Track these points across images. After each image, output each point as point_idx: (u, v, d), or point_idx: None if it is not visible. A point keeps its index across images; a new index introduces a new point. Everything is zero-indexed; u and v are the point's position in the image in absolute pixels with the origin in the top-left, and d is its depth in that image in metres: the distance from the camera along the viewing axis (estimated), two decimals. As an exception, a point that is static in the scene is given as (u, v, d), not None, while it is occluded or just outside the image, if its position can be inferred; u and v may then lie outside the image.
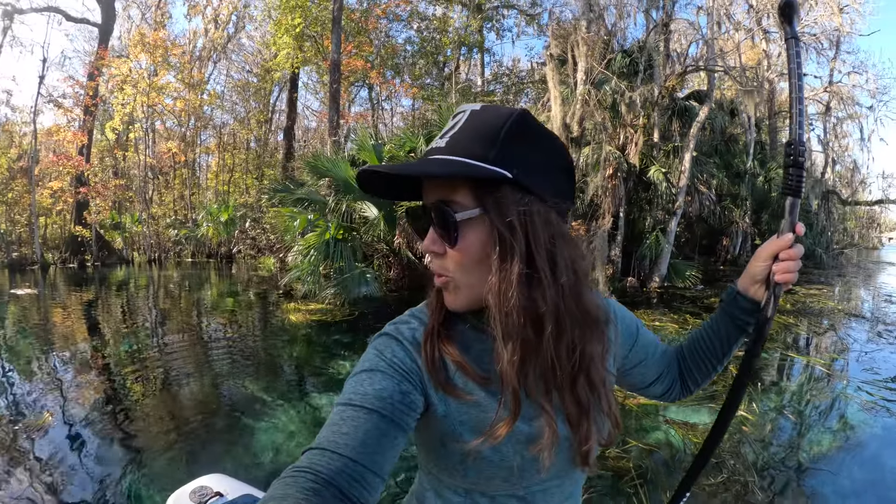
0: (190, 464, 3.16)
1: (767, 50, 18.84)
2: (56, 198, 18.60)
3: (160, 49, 18.74)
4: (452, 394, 0.66)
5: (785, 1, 0.78)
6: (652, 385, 0.88)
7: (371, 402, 0.60)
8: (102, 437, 3.51)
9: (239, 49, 24.73)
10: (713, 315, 0.89)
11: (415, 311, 0.74)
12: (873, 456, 3.35)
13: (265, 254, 14.39)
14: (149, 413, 4.02)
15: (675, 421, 3.75)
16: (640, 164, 9.96)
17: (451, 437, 0.66)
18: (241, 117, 24.39)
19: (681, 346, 0.93)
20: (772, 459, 3.23)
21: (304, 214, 8.69)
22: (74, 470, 3.03)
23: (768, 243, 0.79)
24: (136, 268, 16.53)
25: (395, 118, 22.58)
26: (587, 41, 8.72)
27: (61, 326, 7.33)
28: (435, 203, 0.64)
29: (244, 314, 8.40)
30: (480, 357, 0.68)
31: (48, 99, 20.04)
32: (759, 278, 0.81)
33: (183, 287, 11.97)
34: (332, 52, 12.54)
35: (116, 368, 5.18)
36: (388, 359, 0.66)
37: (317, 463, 0.54)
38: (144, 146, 19.94)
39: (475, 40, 18.96)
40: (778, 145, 20.41)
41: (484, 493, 0.70)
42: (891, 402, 4.28)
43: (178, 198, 22.70)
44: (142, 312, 8.68)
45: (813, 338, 6.90)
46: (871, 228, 39.59)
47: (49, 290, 11.58)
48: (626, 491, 2.78)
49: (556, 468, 0.70)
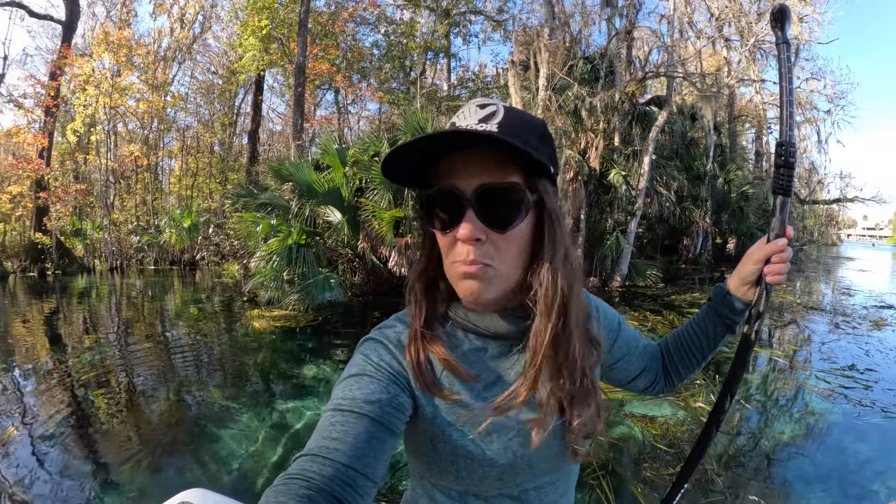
0: (157, 473, 3.14)
1: (728, 57, 19.49)
2: (15, 203, 17.86)
3: (124, 48, 18.24)
4: (439, 395, 0.66)
5: (778, 7, 0.82)
6: (635, 380, 0.90)
7: (360, 406, 0.60)
8: (68, 451, 3.44)
9: (205, 49, 24.29)
10: (700, 312, 0.92)
11: (399, 316, 0.74)
12: (835, 441, 3.50)
13: (229, 260, 14.20)
14: (115, 424, 3.96)
15: (636, 415, 3.86)
16: (601, 168, 10.19)
17: (441, 439, 0.66)
18: (206, 120, 23.93)
19: (665, 342, 0.95)
20: (736, 449, 3.34)
21: (266, 220, 8.61)
22: (42, 486, 2.96)
23: (760, 247, 0.82)
24: (98, 276, 16.02)
25: (362, 122, 22.52)
26: (549, 47, 8.89)
27: (23, 338, 7.10)
28: (488, 185, 0.61)
29: (208, 322, 8.25)
30: (467, 356, 0.69)
31: (8, 98, 19.32)
32: (751, 279, 0.84)
33: (146, 295, 11.68)
34: (298, 56, 12.46)
35: (80, 380, 5.06)
36: (374, 362, 0.66)
37: (308, 469, 0.54)
38: (106, 149, 19.31)
39: (441, 45, 19.05)
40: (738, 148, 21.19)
41: (478, 495, 0.70)
42: (848, 390, 4.51)
43: (140, 203, 22.09)
44: (104, 322, 8.43)
45: (774, 331, 7.15)
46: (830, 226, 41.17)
47: (10, 300, 11.16)
48: (589, 483, 2.84)
49: (549, 463, 0.71)
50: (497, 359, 0.70)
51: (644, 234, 15.69)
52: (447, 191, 0.62)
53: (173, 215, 17.36)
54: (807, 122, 21.72)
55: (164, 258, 18.62)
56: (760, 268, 0.82)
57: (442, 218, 0.64)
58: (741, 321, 0.88)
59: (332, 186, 8.65)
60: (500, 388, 0.68)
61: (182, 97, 22.51)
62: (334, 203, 8.58)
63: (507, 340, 0.70)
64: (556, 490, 0.74)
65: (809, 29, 17.83)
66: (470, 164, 0.61)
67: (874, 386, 4.64)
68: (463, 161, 0.62)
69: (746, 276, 0.84)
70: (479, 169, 0.61)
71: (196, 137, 23.92)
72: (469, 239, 0.61)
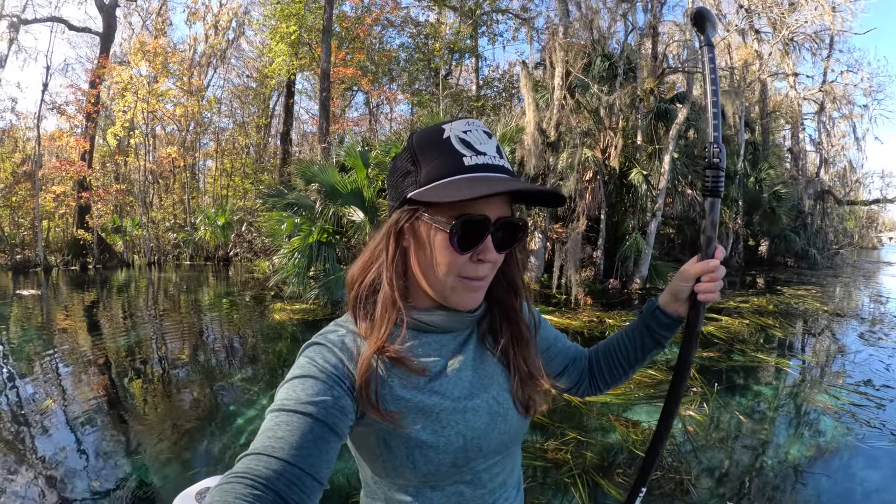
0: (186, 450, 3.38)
1: (759, 50, 18.88)
2: (59, 202, 18.93)
3: (160, 56, 19.09)
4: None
5: (696, 10, 0.86)
6: (558, 377, 0.94)
7: (304, 406, 0.60)
8: (99, 427, 3.74)
9: (239, 54, 25.05)
10: (631, 324, 0.94)
11: (339, 321, 0.77)
12: (841, 466, 3.21)
13: (260, 257, 14.67)
14: (143, 402, 4.32)
15: (618, 418, 3.80)
16: (623, 167, 10.11)
17: (394, 435, 0.68)
18: (241, 122, 24.67)
19: (596, 349, 0.98)
20: (717, 461, 3.21)
21: (291, 218, 8.94)
22: (74, 458, 3.21)
23: (693, 265, 0.83)
24: (137, 270, 16.82)
25: (394, 123, 22.76)
26: (563, 46, 8.90)
27: (64, 326, 7.64)
28: (507, 218, 0.70)
29: (235, 313, 8.70)
30: (414, 350, 0.72)
31: (51, 105, 20.41)
32: (682, 297, 0.85)
33: (181, 289, 12.24)
34: (322, 61, 12.80)
35: (115, 362, 5.53)
36: (319, 364, 0.67)
37: (254, 468, 0.54)
38: (145, 151, 20.26)
39: (466, 46, 19.11)
40: (771, 146, 20.48)
41: (434, 487, 0.72)
42: (858, 408, 4.12)
43: (177, 202, 22.98)
44: (140, 312, 8.98)
45: (788, 339, 6.74)
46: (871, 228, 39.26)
47: (52, 291, 11.86)
48: (565, 481, 2.88)
49: (497, 443, 0.75)
50: (441, 350, 0.75)
51: (675, 235, 15.38)
52: (482, 218, 0.67)
53: (208, 214, 18.07)
54: (843, 118, 20.84)
55: (200, 254, 19.43)
56: (691, 285, 0.83)
57: (464, 239, 0.67)
58: (670, 337, 0.90)
59: (354, 187, 8.90)
60: (447, 377, 0.73)
61: (217, 101, 23.25)
62: (357, 203, 8.82)
63: (449, 332, 0.76)
64: (503, 469, 0.78)
65: (842, 18, 17.07)
66: (502, 196, 0.70)
67: (888, 405, 4.24)
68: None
69: (678, 293, 0.85)
70: (499, 201, 0.70)
71: (232, 139, 24.69)
72: (495, 261, 0.71)
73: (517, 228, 0.71)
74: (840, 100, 19.76)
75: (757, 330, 6.94)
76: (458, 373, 0.74)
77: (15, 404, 4.19)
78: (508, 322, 0.80)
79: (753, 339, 6.48)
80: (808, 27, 18.30)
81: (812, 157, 21.88)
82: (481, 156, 0.67)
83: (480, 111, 17.35)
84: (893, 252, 37.34)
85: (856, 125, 20.71)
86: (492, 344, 0.80)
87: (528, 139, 8.48)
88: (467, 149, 0.67)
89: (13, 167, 19.07)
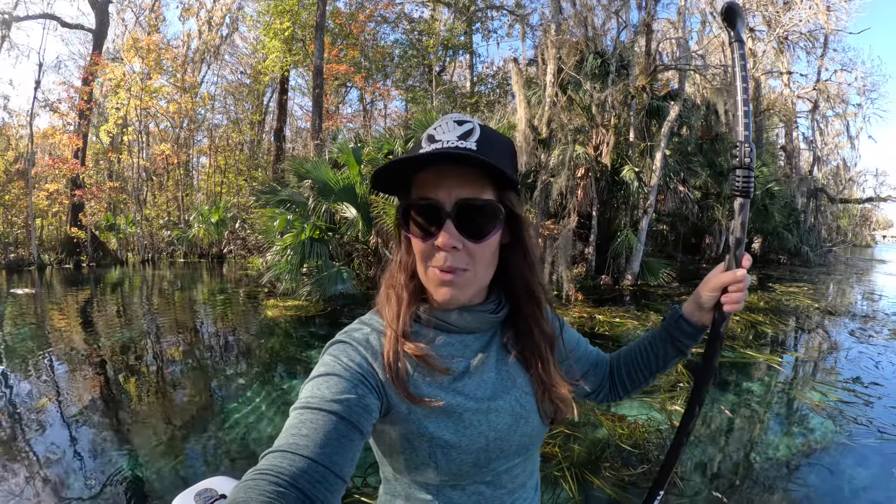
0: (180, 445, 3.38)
1: (753, 48, 18.97)
2: (52, 200, 18.85)
3: (153, 53, 19.01)
4: (420, 403, 0.68)
5: (727, 5, 0.80)
6: (577, 382, 0.91)
7: (329, 404, 0.61)
8: (94, 425, 3.74)
9: (233, 50, 24.95)
10: (653, 332, 0.93)
11: (363, 319, 0.77)
12: (829, 463, 3.20)
13: (254, 254, 14.67)
14: (136, 399, 4.33)
15: (605, 412, 3.82)
16: (615, 164, 10.15)
17: (417, 434, 0.68)
18: (235, 118, 24.60)
19: (618, 354, 0.97)
20: (705, 456, 3.23)
21: (283, 215, 8.95)
22: (70, 457, 3.19)
23: (721, 275, 0.80)
24: (131, 268, 16.78)
25: (387, 119, 22.76)
26: (555, 43, 8.93)
27: (59, 324, 7.62)
28: (467, 200, 0.67)
29: (228, 311, 8.70)
30: (437, 350, 0.72)
31: (44, 103, 20.30)
32: (707, 306, 0.83)
33: (175, 286, 12.23)
34: (315, 58, 12.78)
35: (109, 359, 5.55)
36: (343, 363, 0.67)
37: (278, 465, 0.54)
38: (138, 149, 20.17)
39: (461, 42, 19.10)
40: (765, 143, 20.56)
41: (455, 486, 0.72)
42: (845, 405, 4.14)
43: (171, 199, 22.94)
44: (135, 309, 8.97)
45: (779, 336, 6.77)
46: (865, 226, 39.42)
47: (46, 290, 11.81)
48: (555, 475, 2.89)
49: (518, 444, 0.74)
50: (464, 351, 0.75)
51: (669, 232, 15.43)
52: (430, 202, 0.67)
53: (202, 211, 18.08)
54: (837, 117, 20.95)
55: (194, 251, 19.42)
56: (718, 295, 0.81)
57: (422, 226, 0.69)
58: (692, 345, 0.89)
59: (347, 184, 8.90)
60: (470, 377, 0.73)
61: (211, 97, 23.18)
62: (350, 200, 8.83)
63: (472, 333, 0.76)
64: (524, 471, 0.78)
65: (837, 18, 17.18)
66: (447, 177, 0.67)
67: (876, 402, 4.23)
68: (443, 174, 0.67)
69: (703, 303, 0.83)
70: (457, 182, 0.66)
71: (225, 136, 24.62)
72: (447, 246, 0.67)
73: (485, 211, 0.68)
74: (834, 98, 19.89)
75: (748, 327, 6.96)
76: (481, 373, 0.74)
77: (10, 403, 4.19)
78: (529, 331, 0.78)
79: (744, 335, 6.50)
80: (803, 26, 18.41)
81: (806, 155, 22.03)
82: (436, 143, 0.67)
83: (474, 108, 17.36)
84: (887, 250, 37.19)
85: (849, 124, 20.89)
86: (513, 350, 0.79)
87: (519, 136, 8.50)
88: (428, 142, 0.68)
89: (6, 165, 18.94)
